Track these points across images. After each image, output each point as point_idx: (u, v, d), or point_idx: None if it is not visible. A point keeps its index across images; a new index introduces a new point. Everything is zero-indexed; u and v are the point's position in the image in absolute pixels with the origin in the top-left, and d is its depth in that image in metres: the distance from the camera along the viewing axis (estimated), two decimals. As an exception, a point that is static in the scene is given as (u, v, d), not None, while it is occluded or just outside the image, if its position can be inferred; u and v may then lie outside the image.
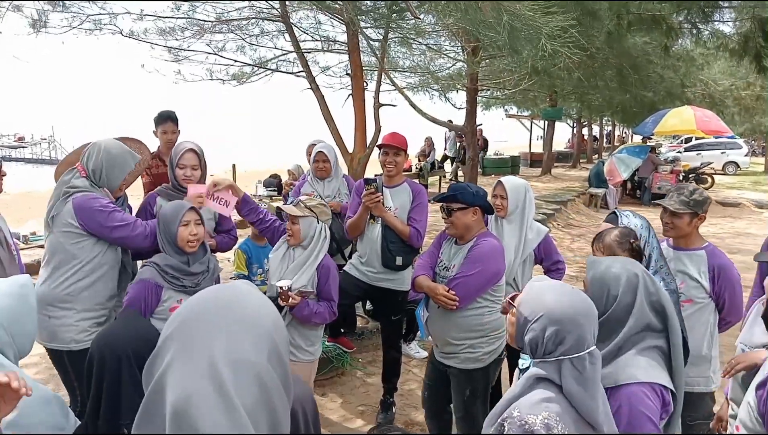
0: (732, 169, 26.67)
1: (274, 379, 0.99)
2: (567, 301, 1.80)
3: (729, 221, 13.65)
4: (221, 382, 0.93)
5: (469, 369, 3.29)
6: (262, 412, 0.95)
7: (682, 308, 3.11)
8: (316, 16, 9.01)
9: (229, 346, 0.96)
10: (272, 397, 0.98)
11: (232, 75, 9.62)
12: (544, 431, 1.66)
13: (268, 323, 1.04)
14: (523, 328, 1.85)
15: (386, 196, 4.12)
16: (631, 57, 13.41)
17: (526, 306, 1.86)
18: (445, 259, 3.39)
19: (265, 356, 0.99)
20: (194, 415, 0.91)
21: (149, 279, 2.89)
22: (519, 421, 1.72)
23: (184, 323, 1.02)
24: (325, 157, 4.72)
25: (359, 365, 5.27)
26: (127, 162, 3.23)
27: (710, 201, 3.25)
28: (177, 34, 8.50)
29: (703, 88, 20.25)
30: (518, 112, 25.30)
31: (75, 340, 3.09)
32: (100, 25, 7.36)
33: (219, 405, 0.91)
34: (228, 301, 1.05)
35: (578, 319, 1.77)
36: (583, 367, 1.75)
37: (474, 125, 13.20)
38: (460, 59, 12.61)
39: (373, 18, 7.76)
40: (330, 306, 3.45)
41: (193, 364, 0.95)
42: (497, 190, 3.85)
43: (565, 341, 1.75)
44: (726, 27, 11.25)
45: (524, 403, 1.76)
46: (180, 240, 2.95)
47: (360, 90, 7.44)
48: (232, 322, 1.00)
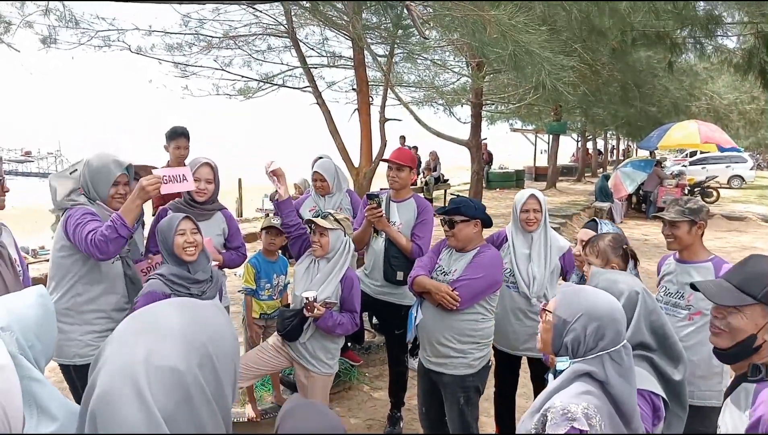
0: (737, 182, 26.60)
1: (203, 390, 1.00)
2: (602, 300, 1.93)
3: (735, 235, 13.60)
4: (137, 383, 0.95)
5: (462, 375, 3.33)
6: (184, 419, 0.97)
7: (692, 321, 3.13)
8: (323, 32, 9.10)
9: (153, 351, 0.98)
10: (197, 406, 0.99)
11: (238, 90, 9.70)
12: (584, 420, 1.74)
13: (205, 335, 1.05)
14: (561, 330, 1.93)
15: (392, 211, 4.15)
16: (635, 72, 13.45)
17: (564, 309, 1.96)
18: (444, 264, 3.43)
19: (194, 367, 1.00)
20: (107, 410, 0.94)
21: (155, 290, 2.92)
22: (561, 409, 1.79)
23: (125, 328, 1.06)
24: (322, 177, 4.73)
25: (366, 379, 5.26)
26: (110, 171, 3.16)
27: (707, 209, 3.28)
28: (185, 49, 8.60)
29: (707, 102, 20.26)
30: (523, 126, 25.35)
31: (79, 355, 3.10)
32: (109, 42, 7.45)
33: (133, 401, 0.93)
34: (174, 312, 1.08)
35: (615, 314, 1.90)
36: (621, 359, 1.87)
37: (479, 139, 13.25)
38: (465, 74, 12.70)
39: (379, 35, 7.83)
40: (353, 317, 3.52)
41: (118, 365, 0.99)
42: (530, 203, 3.77)
43: (605, 336, 1.86)
44: (730, 42, 11.29)
45: (566, 393, 1.84)
46: (176, 247, 2.99)
47: (366, 104, 7.49)
48: (167, 331, 1.02)
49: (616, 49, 9.16)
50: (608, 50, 8.85)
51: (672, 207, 3.24)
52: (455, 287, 3.24)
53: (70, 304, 3.08)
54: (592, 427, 1.74)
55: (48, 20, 6.81)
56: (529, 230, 3.78)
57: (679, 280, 3.23)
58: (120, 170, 3.19)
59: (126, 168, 3.23)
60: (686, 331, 3.13)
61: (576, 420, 1.75)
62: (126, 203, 2.95)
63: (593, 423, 1.75)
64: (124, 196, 3.20)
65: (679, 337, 3.14)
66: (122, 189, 3.21)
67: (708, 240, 3.29)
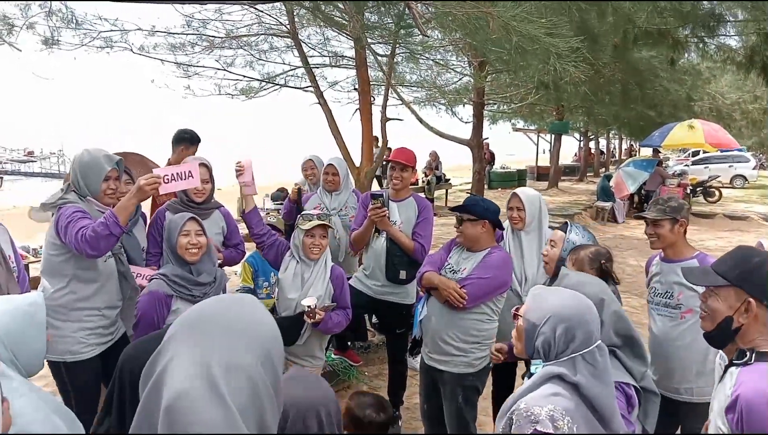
0: (740, 182, 26.54)
1: (266, 383, 1.04)
2: (571, 301, 1.93)
3: (737, 235, 13.56)
4: (214, 382, 0.98)
5: (463, 373, 3.34)
6: (251, 413, 1.00)
7: (684, 320, 3.13)
8: (324, 33, 9.10)
9: (223, 350, 1.02)
10: (262, 400, 1.02)
11: (240, 90, 9.71)
12: (549, 423, 1.72)
13: (264, 332, 1.10)
14: (532, 333, 1.93)
15: (392, 210, 4.14)
16: (637, 71, 13.44)
17: (533, 312, 1.95)
18: (453, 262, 3.44)
19: (258, 362, 1.04)
20: (187, 411, 0.96)
21: (158, 290, 2.92)
22: (525, 412, 1.78)
23: (185, 327, 1.09)
24: (335, 170, 4.76)
25: (365, 378, 5.27)
26: (101, 166, 3.14)
27: (687, 207, 3.30)
28: (187, 49, 8.61)
29: (710, 101, 20.25)
30: (525, 126, 25.33)
31: (70, 352, 3.10)
32: (111, 42, 7.46)
33: (213, 401, 0.96)
34: (228, 309, 1.12)
35: (584, 315, 1.89)
36: (595, 360, 1.86)
37: (481, 139, 13.25)
38: (467, 74, 12.70)
39: (380, 35, 7.83)
40: (347, 313, 3.56)
41: (188, 364, 1.01)
42: (513, 202, 3.79)
43: (576, 338, 1.86)
44: (732, 41, 11.28)
45: (533, 395, 1.84)
46: (179, 248, 2.98)
47: (367, 104, 7.49)
48: (229, 329, 1.06)
49: (618, 48, 9.16)
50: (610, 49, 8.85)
51: (653, 206, 3.25)
52: (463, 285, 3.25)
53: (63, 301, 3.07)
54: (558, 429, 1.72)
55: (50, 22, 6.83)
56: (515, 229, 3.77)
57: (666, 280, 3.23)
58: (111, 165, 3.18)
59: (116, 163, 3.22)
60: (679, 330, 3.14)
61: (539, 422, 1.74)
62: (122, 202, 2.95)
63: (559, 425, 1.73)
64: (115, 191, 3.20)
65: (673, 336, 3.16)
66: (113, 184, 3.21)
67: (710, 239, 3.30)
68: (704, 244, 11.22)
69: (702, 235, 12.89)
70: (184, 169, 3.24)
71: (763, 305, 1.85)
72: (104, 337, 3.23)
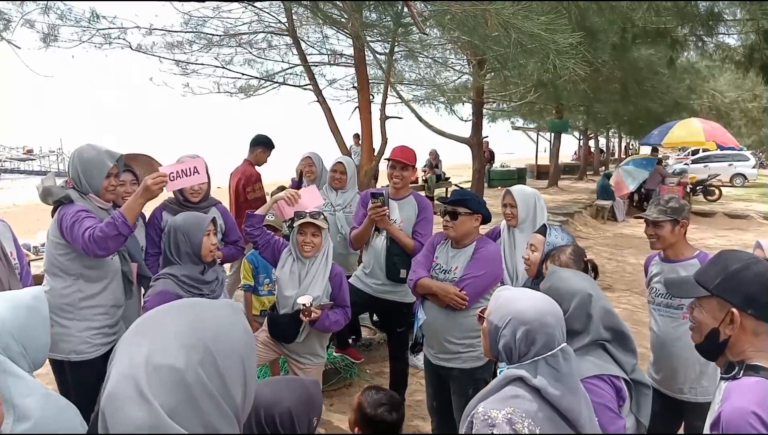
0: (740, 181, 26.55)
1: (205, 385, 1.01)
2: (532, 303, 1.89)
3: (737, 233, 13.57)
4: (138, 382, 0.97)
5: (471, 368, 3.34)
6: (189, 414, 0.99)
7: (685, 320, 3.12)
8: (323, 31, 9.09)
9: (156, 351, 1.01)
10: (201, 403, 1.00)
11: (239, 88, 9.69)
12: (506, 426, 1.70)
13: (211, 336, 1.07)
14: (495, 335, 1.90)
15: (392, 209, 4.14)
16: (636, 69, 13.44)
17: (495, 314, 1.92)
18: (443, 262, 3.42)
19: (196, 363, 1.02)
20: (112, 412, 0.97)
21: (168, 290, 2.86)
22: (483, 416, 1.76)
23: (132, 331, 1.08)
24: (344, 169, 4.79)
25: (367, 376, 5.27)
26: (103, 162, 3.11)
27: (688, 207, 3.29)
28: (185, 47, 8.60)
29: (709, 100, 20.25)
30: (524, 125, 25.33)
31: (75, 351, 3.09)
32: (110, 39, 7.45)
33: (135, 401, 0.96)
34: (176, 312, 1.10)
35: (545, 318, 1.84)
36: (558, 365, 1.81)
37: (480, 137, 13.24)
38: (466, 72, 12.69)
39: (379, 33, 7.82)
40: (345, 312, 3.55)
41: (122, 366, 1.01)
42: (506, 199, 3.82)
43: (536, 341, 1.82)
44: (731, 39, 11.28)
45: (492, 399, 1.81)
46: (204, 249, 2.95)
47: (366, 102, 7.49)
48: (168, 331, 1.05)
49: (616, 46, 9.16)
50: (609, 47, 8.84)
51: (654, 207, 3.24)
52: (461, 287, 3.24)
53: (69, 300, 3.07)
54: (517, 432, 1.69)
55: (48, 18, 6.82)
56: (509, 225, 3.79)
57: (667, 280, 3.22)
58: (113, 161, 3.16)
59: (117, 159, 3.20)
60: (681, 330, 3.12)
61: (495, 426, 1.71)
62: (129, 201, 2.93)
63: (518, 428, 1.69)
64: (116, 187, 3.20)
65: (675, 336, 3.15)
66: (114, 180, 3.19)
67: (710, 238, 3.29)
68: (704, 243, 11.21)
69: (702, 234, 12.89)
70: (189, 166, 3.22)
71: (749, 315, 1.73)
72: (108, 337, 3.21)
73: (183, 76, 9.01)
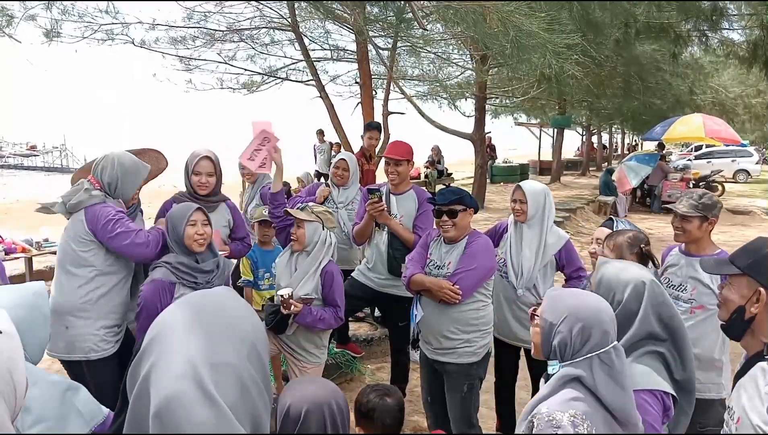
0: (743, 177, 26.47)
1: (254, 378, 1.03)
2: (587, 301, 1.93)
3: (739, 229, 13.54)
4: (202, 382, 0.96)
5: (467, 363, 3.34)
6: (243, 409, 0.99)
7: (693, 315, 3.12)
8: (326, 26, 9.09)
9: (208, 348, 1.00)
10: (252, 396, 1.02)
11: (242, 84, 9.71)
12: (571, 428, 1.73)
13: (247, 327, 1.08)
14: (549, 333, 1.92)
15: (392, 204, 4.15)
16: (639, 65, 13.39)
17: (550, 312, 1.95)
18: (436, 258, 3.42)
19: (244, 358, 1.03)
20: (177, 414, 0.94)
21: (161, 278, 2.91)
22: (547, 417, 1.78)
23: (166, 328, 1.06)
24: (346, 166, 4.78)
25: (367, 372, 5.28)
26: (140, 173, 3.30)
27: (720, 206, 3.25)
28: (188, 43, 8.61)
29: (712, 95, 20.16)
30: (527, 120, 25.28)
31: (94, 350, 3.11)
32: (113, 35, 7.47)
33: (202, 402, 0.95)
34: (207, 306, 1.10)
35: (600, 315, 1.87)
36: (611, 361, 1.83)
37: (483, 133, 13.23)
38: (469, 67, 12.67)
39: (381, 27, 7.81)
40: (335, 311, 3.49)
41: (174, 366, 0.99)
42: (516, 194, 3.76)
43: (592, 337, 1.84)
44: (735, 35, 11.24)
45: (553, 401, 1.83)
46: (187, 238, 2.97)
47: (369, 98, 7.49)
48: (211, 327, 1.04)
49: (619, 42, 9.13)
50: (611, 43, 8.82)
51: (685, 199, 3.20)
52: (454, 281, 3.24)
53: (87, 298, 3.08)
54: (579, 434, 1.73)
55: (51, 14, 6.83)
56: (517, 221, 3.77)
57: (684, 273, 3.21)
58: (147, 173, 3.35)
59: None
60: (688, 324, 3.12)
61: (560, 428, 1.74)
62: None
63: (581, 431, 1.73)
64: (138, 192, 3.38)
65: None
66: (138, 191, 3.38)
67: (713, 234, 3.27)
68: (706, 239, 11.13)
69: (704, 230, 12.73)
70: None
71: None
72: (119, 335, 3.26)
73: (186, 72, 9.03)
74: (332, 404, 1.62)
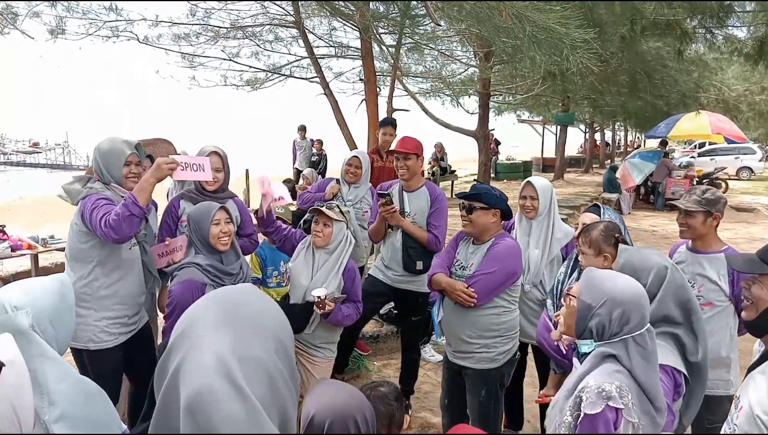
0: (746, 174, 26.39)
1: (282, 372, 1.03)
2: (626, 286, 1.97)
3: (743, 226, 13.51)
4: (232, 375, 0.96)
5: (485, 369, 3.29)
6: (272, 403, 0.99)
7: (702, 311, 3.10)
8: (330, 22, 9.07)
9: (237, 343, 1.00)
10: (281, 389, 1.01)
11: (246, 81, 9.70)
12: (618, 398, 1.80)
13: (274, 322, 1.08)
14: (586, 314, 1.98)
15: (405, 201, 4.15)
16: (644, 61, 13.35)
17: (588, 294, 1.99)
18: (462, 258, 3.38)
19: (272, 351, 1.02)
20: (208, 408, 0.94)
21: (193, 278, 2.88)
22: (596, 389, 1.84)
23: (194, 322, 1.06)
24: (359, 163, 4.78)
25: (374, 368, 5.28)
26: (121, 151, 3.19)
27: (724, 200, 3.23)
28: (192, 39, 8.60)
29: (716, 93, 20.10)
30: (530, 117, 25.24)
31: (93, 340, 3.10)
32: (117, 32, 7.46)
33: (233, 395, 0.94)
34: (233, 301, 1.10)
35: (639, 299, 1.94)
36: (645, 343, 1.91)
37: (487, 130, 13.20)
38: (473, 64, 12.65)
39: (386, 25, 7.80)
40: (357, 307, 3.55)
41: (203, 360, 0.98)
42: (527, 190, 3.73)
43: (631, 321, 1.91)
44: (740, 32, 11.19)
45: (598, 373, 1.90)
46: (212, 237, 2.97)
47: (373, 95, 7.47)
48: (239, 321, 1.04)
49: (625, 38, 9.09)
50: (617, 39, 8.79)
51: (689, 196, 3.19)
52: (471, 284, 3.20)
53: (87, 289, 3.09)
54: (626, 405, 1.80)
55: (55, 11, 6.83)
56: (527, 217, 3.74)
57: (690, 270, 3.19)
58: (130, 149, 3.21)
59: (135, 147, 3.25)
60: None
61: (611, 398, 1.80)
62: (140, 182, 2.95)
63: (626, 402, 1.81)
64: (137, 175, 3.21)
65: None
66: (135, 168, 3.23)
67: (717, 231, 3.25)
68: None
69: (708, 227, 12.72)
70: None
71: None
72: (127, 327, 3.24)
73: (189, 69, 9.02)
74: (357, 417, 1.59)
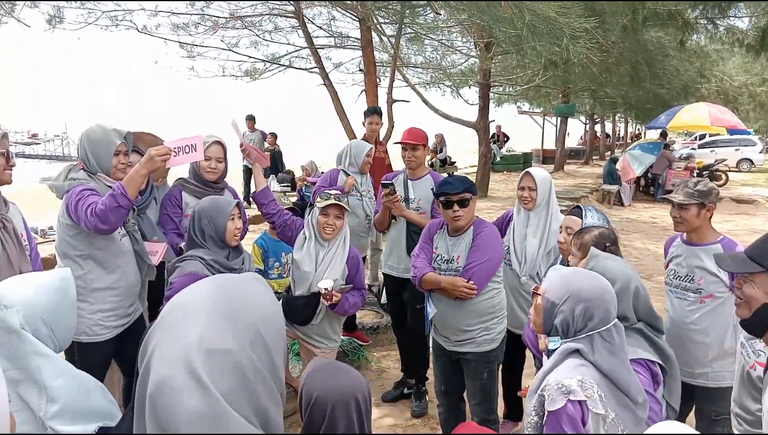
0: (746, 166, 26.36)
1: (256, 366, 1.00)
2: (589, 282, 1.98)
3: (743, 218, 13.50)
4: (193, 367, 0.94)
5: (486, 350, 3.35)
6: (243, 398, 0.97)
7: (703, 304, 3.09)
8: (330, 12, 9.03)
9: (206, 334, 0.98)
10: (253, 384, 0.99)
11: (245, 71, 9.66)
12: (580, 392, 1.80)
13: (258, 315, 1.05)
14: (551, 312, 1.99)
15: (409, 188, 4.22)
16: (645, 52, 13.30)
17: (552, 292, 2.00)
18: (443, 252, 3.38)
19: (246, 346, 1.00)
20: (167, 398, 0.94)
21: (197, 272, 2.80)
22: (556, 385, 1.84)
23: (172, 311, 1.05)
24: (371, 154, 4.83)
25: (374, 359, 5.28)
26: (112, 141, 3.07)
27: (717, 192, 3.21)
28: (191, 30, 8.55)
29: (717, 84, 20.06)
30: (530, 109, 25.17)
31: (86, 333, 3.04)
32: (116, 21, 7.42)
33: (193, 389, 0.93)
34: (218, 291, 1.07)
35: (603, 295, 1.94)
36: (611, 338, 1.92)
37: (487, 121, 13.18)
38: (473, 55, 12.60)
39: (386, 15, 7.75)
40: (362, 294, 3.57)
41: (170, 350, 0.98)
42: (525, 181, 3.71)
43: (594, 317, 1.92)
44: (742, 23, 11.14)
45: (559, 371, 1.90)
46: (228, 233, 2.93)
47: (373, 86, 7.44)
48: (214, 312, 1.02)
49: (626, 28, 9.05)
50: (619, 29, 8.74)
51: (681, 189, 3.17)
52: (468, 276, 3.21)
53: (80, 282, 3.00)
54: (590, 397, 1.79)
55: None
56: (525, 208, 3.73)
57: (688, 263, 3.17)
58: (120, 139, 3.11)
59: (124, 136, 3.14)
60: (698, 314, 3.10)
61: (571, 392, 1.80)
62: (130, 173, 2.85)
63: (590, 393, 1.80)
64: (126, 166, 3.12)
65: (690, 320, 3.13)
66: (123, 158, 3.13)
67: (716, 223, 3.23)
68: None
69: (708, 219, 12.73)
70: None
71: None
72: (122, 319, 3.18)
73: (188, 59, 8.98)
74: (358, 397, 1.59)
